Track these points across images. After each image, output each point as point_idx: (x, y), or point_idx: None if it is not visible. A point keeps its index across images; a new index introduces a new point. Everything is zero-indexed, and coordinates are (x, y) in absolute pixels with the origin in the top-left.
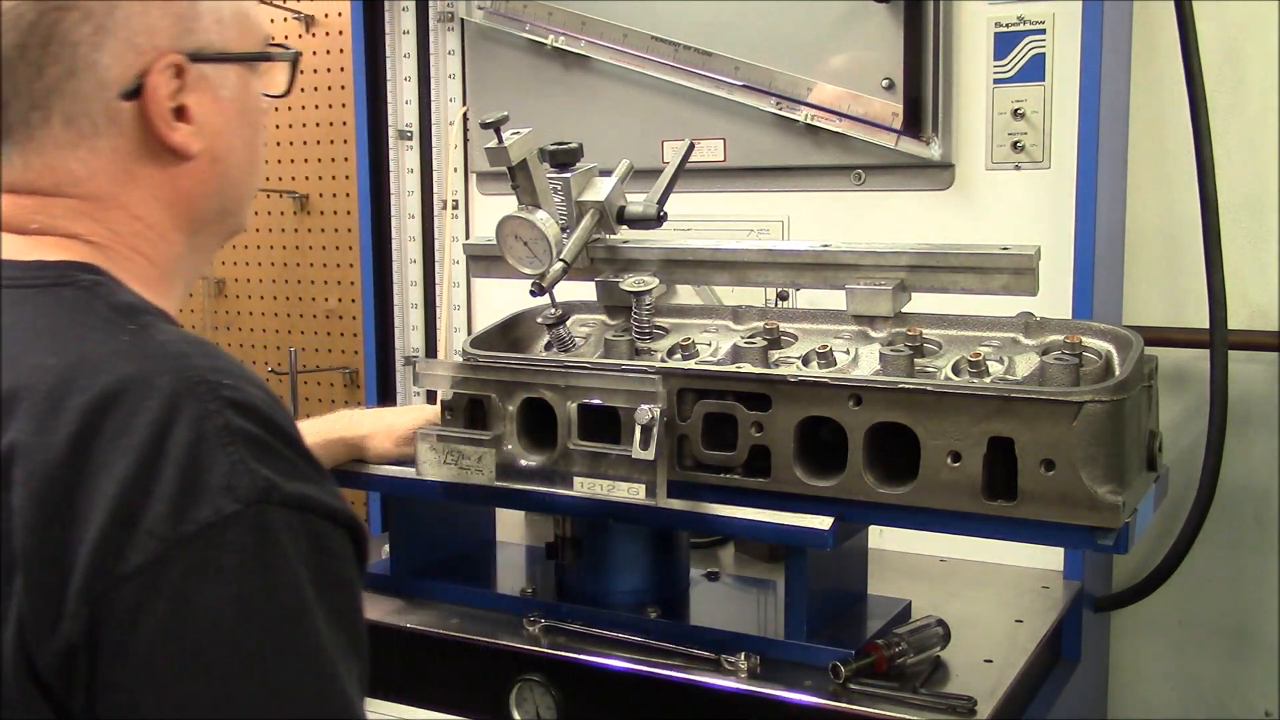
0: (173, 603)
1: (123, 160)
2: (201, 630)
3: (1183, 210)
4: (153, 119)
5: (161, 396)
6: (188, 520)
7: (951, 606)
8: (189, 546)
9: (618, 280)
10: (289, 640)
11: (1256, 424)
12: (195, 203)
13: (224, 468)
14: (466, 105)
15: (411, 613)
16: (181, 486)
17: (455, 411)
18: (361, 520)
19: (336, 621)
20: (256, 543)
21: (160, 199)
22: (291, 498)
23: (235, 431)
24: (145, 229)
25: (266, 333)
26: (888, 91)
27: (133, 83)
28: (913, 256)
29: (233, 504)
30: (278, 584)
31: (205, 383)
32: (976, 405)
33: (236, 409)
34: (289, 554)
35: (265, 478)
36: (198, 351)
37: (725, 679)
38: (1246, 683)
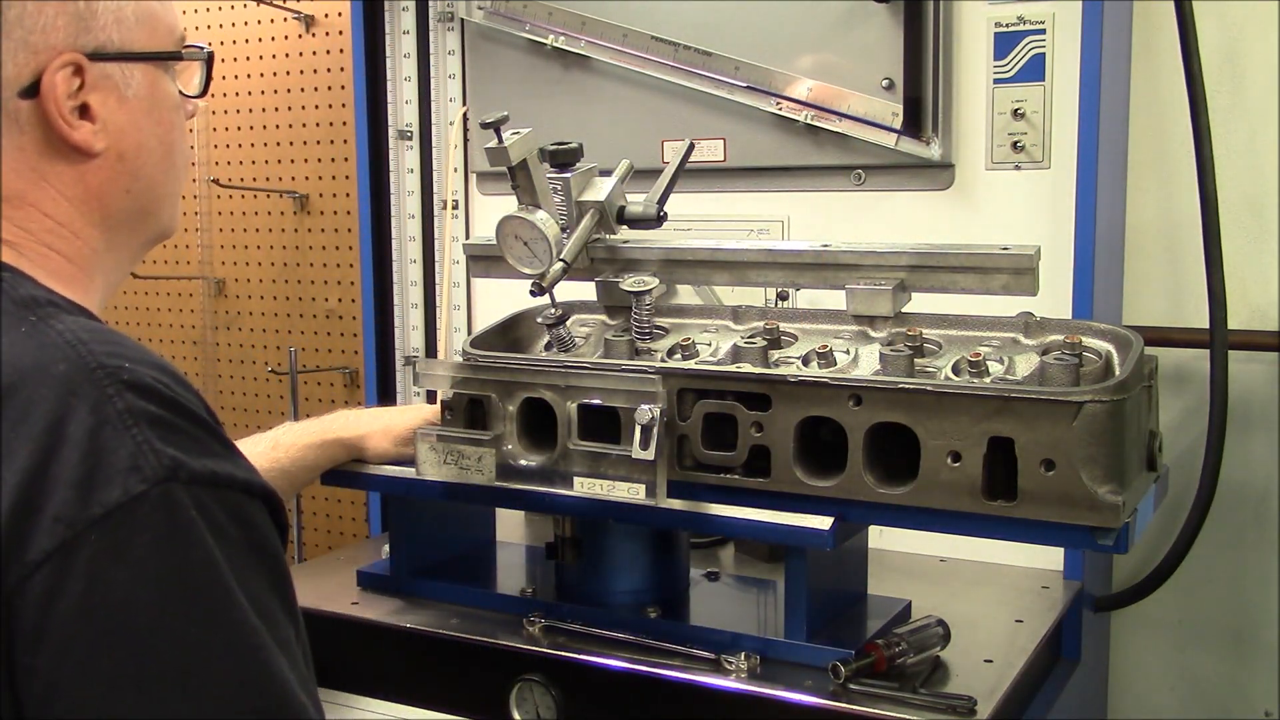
0: (86, 585)
1: (28, 158)
2: (116, 610)
3: (1183, 210)
4: (51, 117)
5: (58, 384)
6: (95, 503)
7: (951, 606)
8: (98, 528)
9: (618, 280)
10: (206, 615)
11: (1256, 424)
12: (106, 200)
13: (129, 449)
14: (466, 105)
15: (411, 613)
16: (86, 471)
17: (455, 411)
18: (273, 490)
19: (267, 588)
20: (166, 520)
21: (69, 196)
22: (200, 474)
23: (137, 413)
24: (57, 226)
25: (266, 333)
26: (888, 91)
27: (29, 81)
28: (913, 256)
29: (140, 484)
30: (191, 560)
31: (103, 368)
32: (976, 405)
33: (136, 391)
34: (201, 530)
35: (171, 457)
36: (96, 339)
37: (725, 679)
38: (1246, 683)
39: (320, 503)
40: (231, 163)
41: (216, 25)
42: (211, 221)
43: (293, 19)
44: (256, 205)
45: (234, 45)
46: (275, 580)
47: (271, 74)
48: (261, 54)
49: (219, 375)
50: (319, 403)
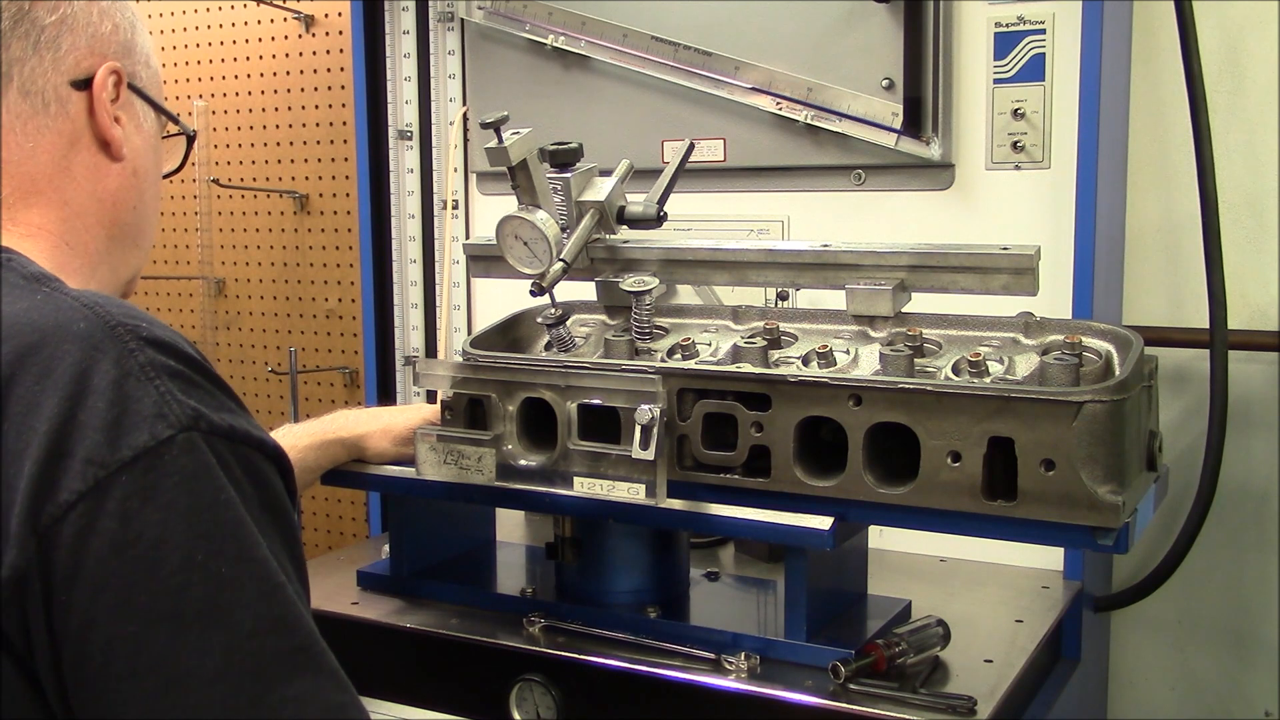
0: (119, 523)
1: (60, 145)
2: (149, 548)
3: (1183, 210)
4: (96, 110)
5: (81, 339)
6: (124, 446)
7: (951, 606)
8: (129, 470)
9: (618, 280)
10: (235, 554)
11: (1256, 424)
12: (119, 207)
13: (153, 398)
14: (466, 105)
15: (411, 613)
16: (114, 417)
17: (455, 411)
18: (284, 451)
19: (280, 544)
20: (193, 464)
21: (88, 191)
22: (220, 427)
23: (159, 366)
24: (72, 215)
25: (266, 333)
26: (888, 91)
27: (83, 75)
28: (913, 256)
29: (167, 429)
30: (217, 501)
31: (122, 325)
32: (976, 405)
33: (156, 346)
34: (222, 477)
35: (193, 408)
36: (111, 302)
37: (725, 679)
38: (1246, 683)
39: (320, 503)
40: (231, 163)
41: (216, 25)
42: (211, 221)
43: (293, 19)
44: (256, 205)
45: (234, 45)
46: (286, 539)
47: (271, 74)
48: (261, 54)
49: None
50: (319, 403)
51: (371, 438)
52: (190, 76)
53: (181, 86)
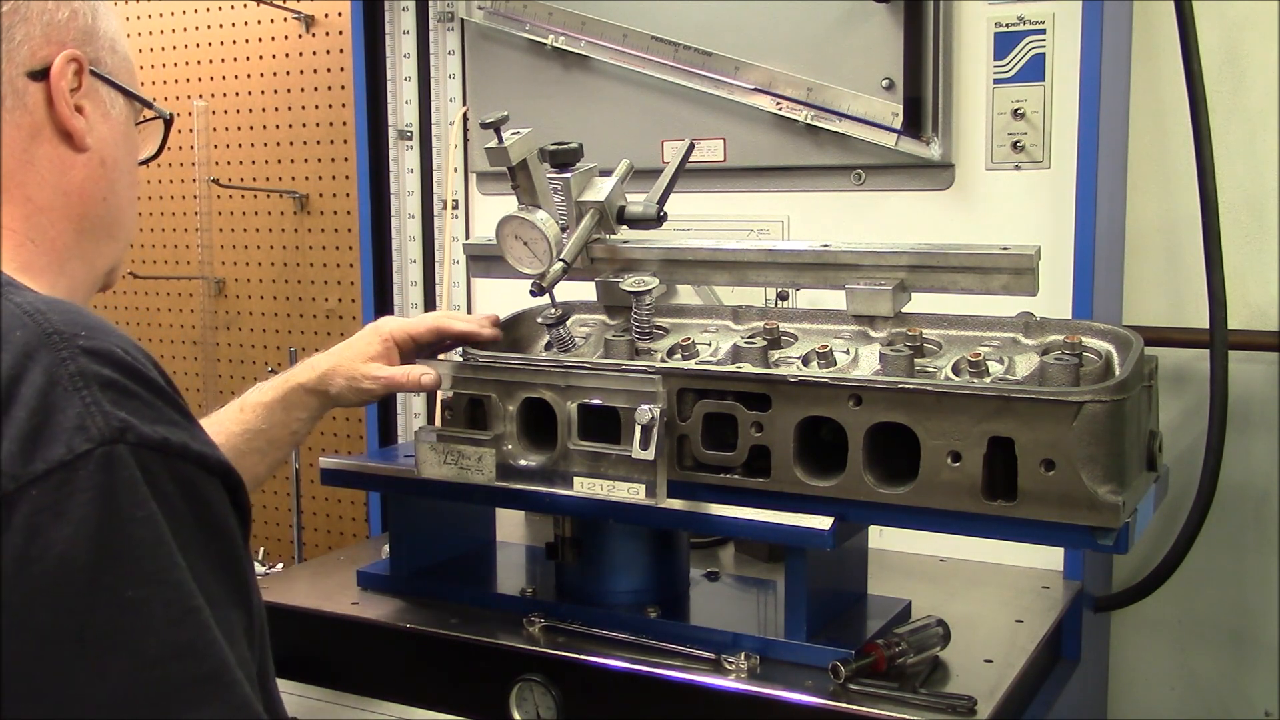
0: (24, 539)
1: (21, 139)
2: (53, 566)
3: (1183, 210)
4: (56, 101)
5: (15, 348)
6: (38, 459)
7: (951, 606)
8: (39, 484)
9: (618, 280)
10: (145, 576)
11: (1256, 424)
12: (86, 201)
13: (77, 409)
14: (466, 105)
15: (411, 613)
16: (32, 428)
17: (455, 411)
18: (233, 468)
19: (212, 567)
20: (108, 480)
21: (53, 185)
22: (150, 439)
23: (89, 376)
24: (36, 211)
25: (266, 333)
26: (888, 91)
27: (40, 66)
28: (913, 256)
29: (85, 443)
30: (132, 518)
31: (59, 333)
32: (976, 405)
33: (92, 356)
34: (144, 492)
35: (121, 419)
36: (55, 309)
37: (725, 679)
38: (1246, 683)
39: (320, 503)
40: (231, 163)
41: (216, 25)
42: (211, 221)
43: (293, 19)
44: (256, 205)
45: (234, 45)
46: (223, 561)
47: (271, 74)
48: (261, 54)
49: (219, 375)
50: None
51: (329, 377)
52: (190, 76)
53: (181, 86)
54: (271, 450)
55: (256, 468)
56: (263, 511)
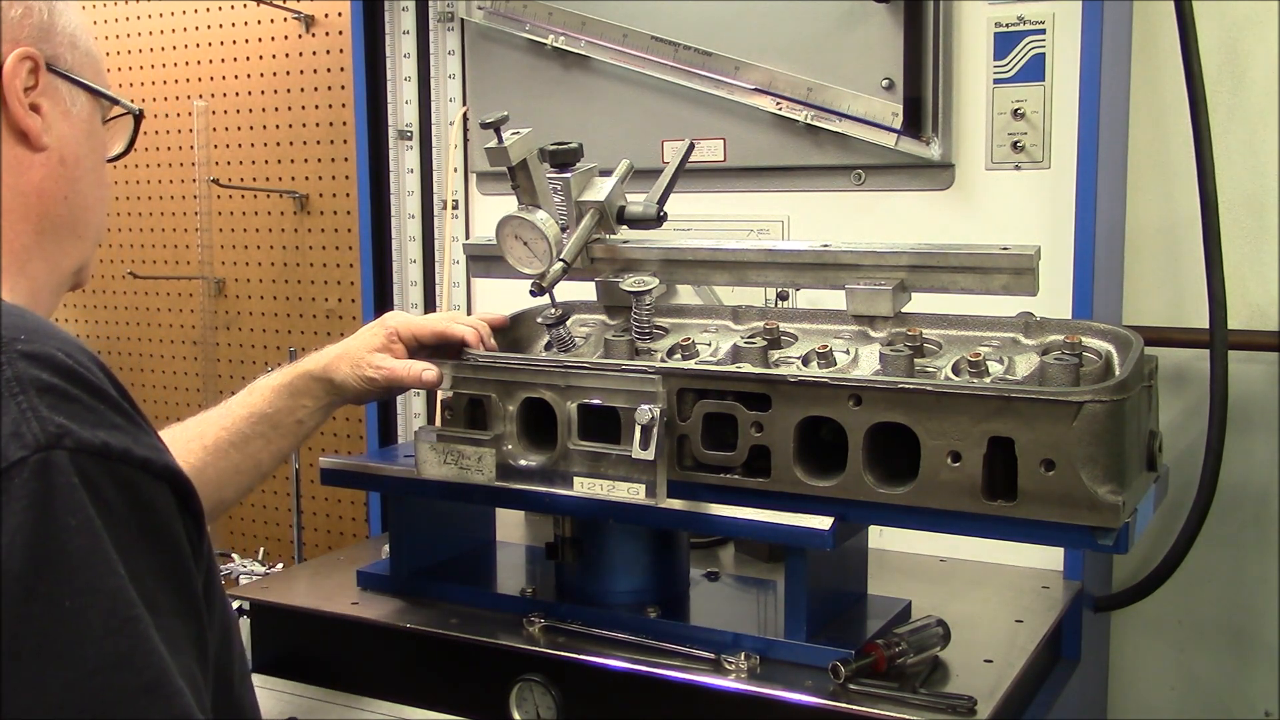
0: None
1: None
2: None
3: (1183, 210)
4: (8, 99)
5: None
6: None
7: (951, 606)
8: None
9: (618, 280)
10: (82, 586)
11: (1256, 424)
12: (46, 201)
13: (12, 415)
14: (466, 105)
15: (411, 613)
16: None
17: (455, 411)
18: (184, 474)
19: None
20: (44, 487)
21: (10, 185)
22: (89, 444)
23: (26, 381)
24: None
25: (266, 333)
26: (888, 91)
27: None
28: (913, 256)
29: (19, 450)
30: (67, 527)
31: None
32: (976, 405)
33: (30, 360)
34: (82, 498)
35: (58, 424)
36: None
37: (725, 679)
38: (1246, 683)
39: (320, 503)
40: (231, 163)
41: (216, 25)
42: (211, 221)
43: (293, 19)
44: (256, 205)
45: (234, 45)
46: (168, 568)
47: (271, 74)
48: (261, 54)
49: (219, 375)
50: None
51: (333, 366)
52: (190, 76)
53: (181, 86)
54: (276, 436)
55: (260, 454)
56: (263, 511)
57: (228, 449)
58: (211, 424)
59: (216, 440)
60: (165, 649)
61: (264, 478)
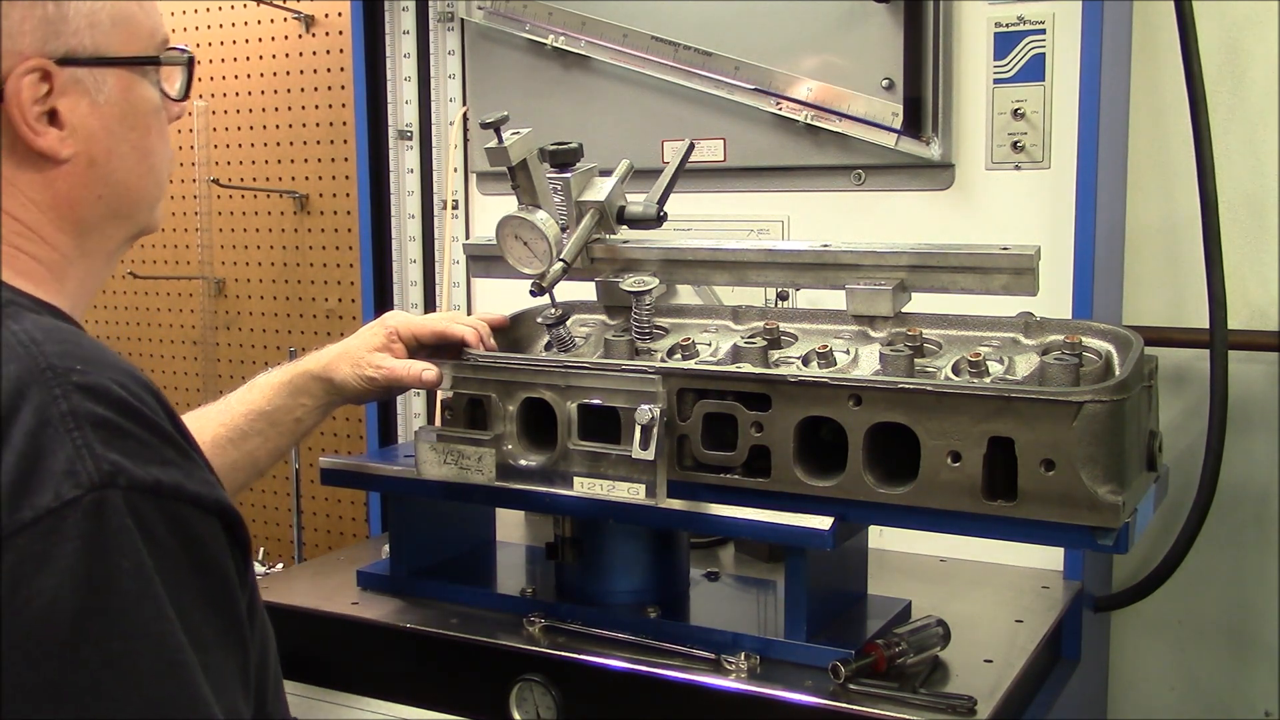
0: (9, 589)
1: None
2: (38, 618)
3: (1183, 210)
4: (15, 123)
5: (6, 384)
6: (26, 506)
7: (951, 606)
8: (26, 533)
9: (618, 280)
10: (131, 629)
11: (1256, 424)
12: (78, 206)
13: (67, 452)
14: (466, 105)
15: (411, 613)
16: (21, 472)
17: (455, 411)
18: (234, 507)
19: (205, 610)
20: (96, 528)
21: (38, 202)
22: (142, 482)
23: (82, 415)
24: (24, 229)
25: (266, 333)
26: (888, 91)
27: None
28: (913, 256)
29: (73, 489)
30: (119, 569)
31: (53, 369)
32: (976, 405)
33: (85, 393)
34: (134, 540)
35: (113, 462)
36: (52, 339)
37: (725, 679)
38: (1246, 683)
39: (320, 503)
40: (231, 163)
41: (216, 25)
42: (211, 221)
43: (293, 19)
44: (256, 205)
45: (234, 45)
46: (216, 601)
47: (271, 74)
48: (261, 54)
49: (219, 375)
50: None
51: (334, 365)
52: None
53: None
54: (274, 434)
55: (258, 452)
56: (263, 511)
57: (225, 446)
58: (210, 420)
59: (214, 437)
60: (210, 689)
61: (260, 475)
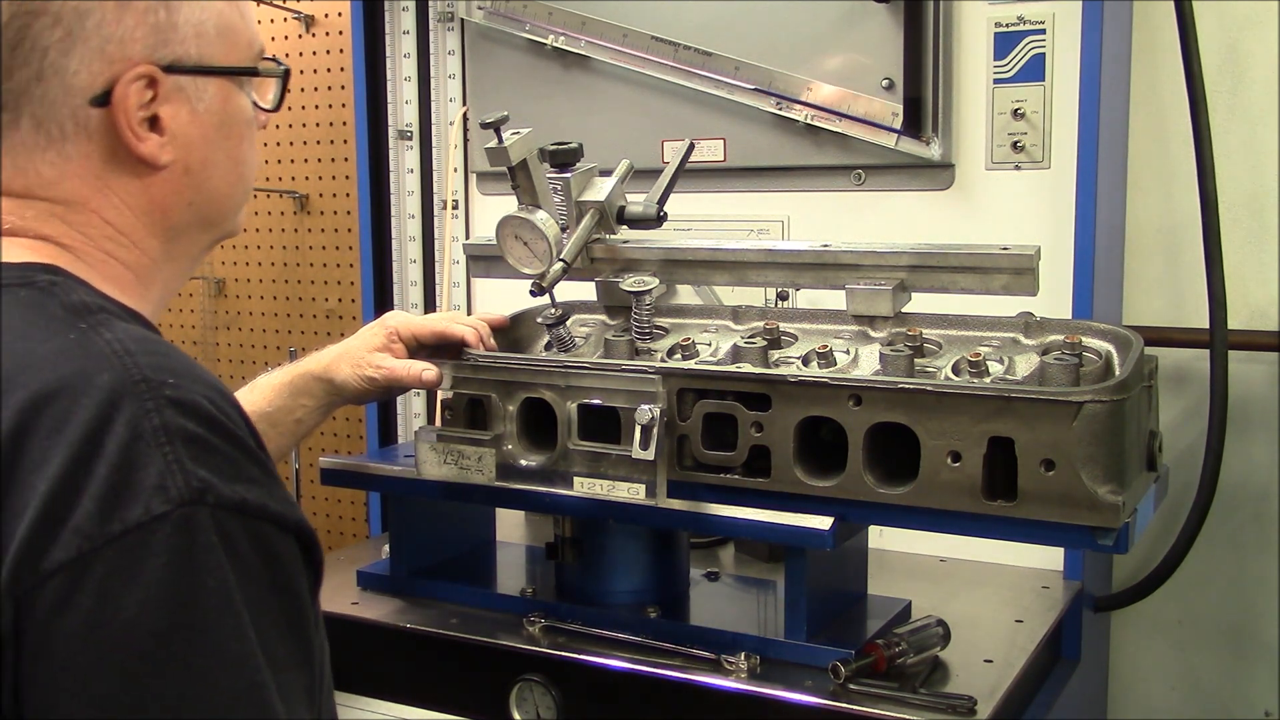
0: (95, 602)
1: (93, 166)
2: (121, 632)
3: (1183, 210)
4: (120, 128)
5: (100, 394)
6: (115, 520)
7: (951, 606)
8: (115, 546)
9: (618, 280)
10: (212, 647)
11: (1256, 424)
12: (169, 212)
13: (158, 467)
14: (466, 105)
15: (411, 613)
16: (112, 485)
17: (455, 411)
18: (311, 528)
19: (280, 629)
20: (184, 545)
21: (132, 206)
22: (229, 500)
23: (173, 431)
24: (117, 234)
25: (266, 333)
26: (888, 91)
27: (101, 90)
28: (913, 256)
29: (163, 504)
30: (204, 587)
31: (146, 381)
32: (976, 405)
33: (177, 408)
34: (220, 557)
35: (202, 479)
36: (144, 350)
37: (725, 679)
38: (1246, 683)
39: (320, 503)
40: None
41: None
42: None
43: (293, 19)
44: (256, 205)
45: None
46: (291, 620)
47: None
48: None
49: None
50: None
51: (334, 366)
52: None
53: None
54: (274, 435)
55: None
56: None
57: None
58: None
59: None
60: (283, 709)
61: None
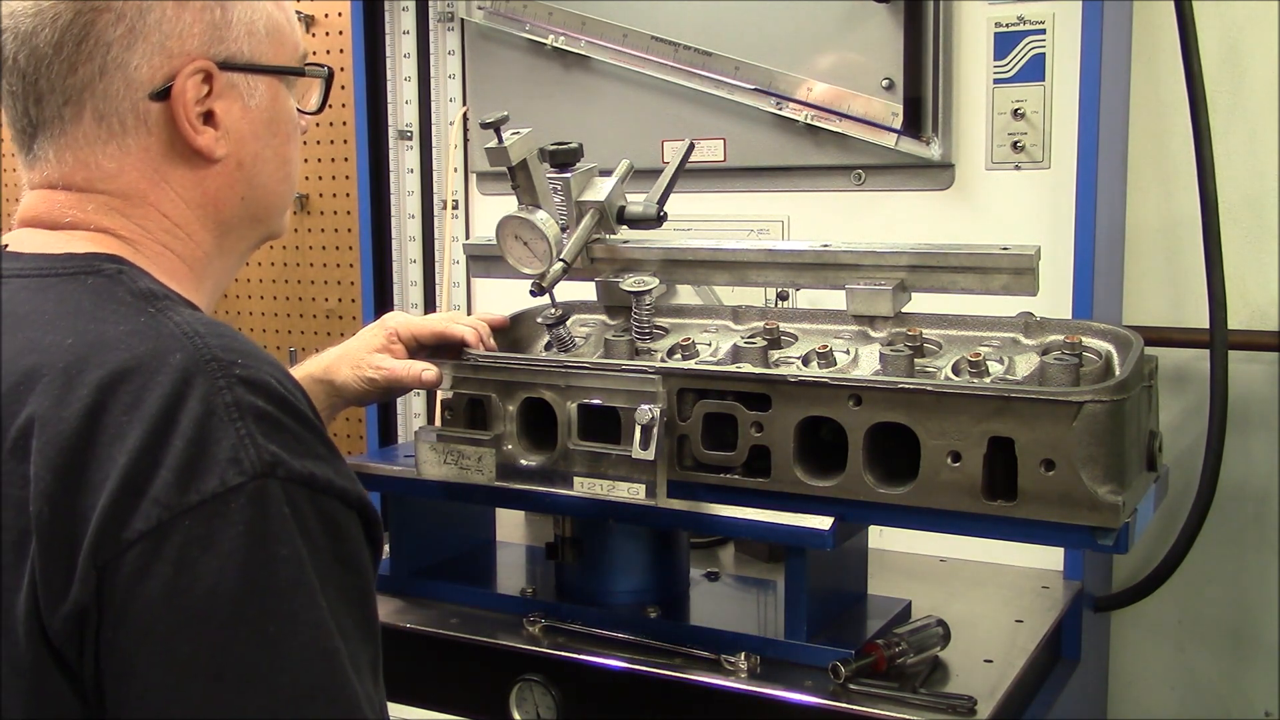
0: (174, 570)
1: (152, 159)
2: (200, 598)
3: (1183, 210)
4: (179, 121)
5: (174, 372)
6: (193, 490)
7: (951, 606)
8: (192, 515)
9: (618, 280)
10: (287, 614)
11: (1256, 424)
12: (222, 206)
13: (231, 441)
14: (466, 105)
15: (411, 613)
16: (189, 458)
17: (455, 411)
18: (373, 505)
19: (346, 602)
20: (259, 515)
21: (188, 200)
22: (298, 474)
23: (245, 407)
24: (174, 227)
25: (266, 333)
26: (888, 91)
27: (161, 84)
28: (913, 256)
29: (237, 476)
30: (278, 556)
31: (217, 360)
32: (976, 405)
33: (247, 386)
34: (292, 529)
35: (272, 453)
36: (213, 333)
37: (725, 679)
38: (1246, 683)
39: None
40: None
41: None
42: None
43: None
44: None
45: None
46: (356, 596)
47: None
48: None
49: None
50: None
51: (334, 368)
52: None
53: None
54: None
55: None
56: None
57: None
58: None
59: None
60: (355, 678)
61: None
